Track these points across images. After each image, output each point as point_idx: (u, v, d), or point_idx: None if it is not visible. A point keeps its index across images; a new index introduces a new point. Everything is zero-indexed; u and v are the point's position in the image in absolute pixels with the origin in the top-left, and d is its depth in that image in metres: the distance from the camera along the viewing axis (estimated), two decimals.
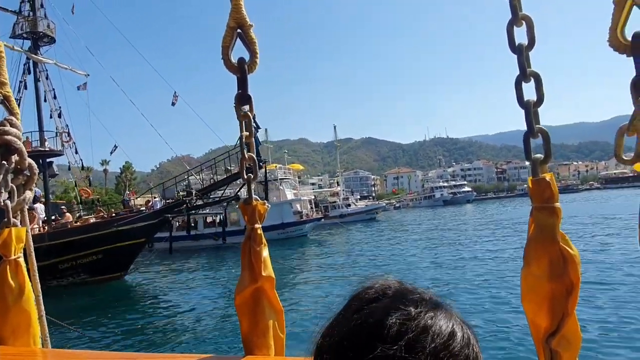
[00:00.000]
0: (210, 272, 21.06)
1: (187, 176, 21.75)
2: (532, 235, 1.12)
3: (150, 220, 18.50)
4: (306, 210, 42.00)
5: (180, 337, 9.82)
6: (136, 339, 10.00)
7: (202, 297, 14.64)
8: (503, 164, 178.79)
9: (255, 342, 1.34)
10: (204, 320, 11.18)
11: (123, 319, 12.23)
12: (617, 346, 6.80)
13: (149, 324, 11.61)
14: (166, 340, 9.71)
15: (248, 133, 1.39)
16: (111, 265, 17.74)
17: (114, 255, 17.61)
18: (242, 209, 1.40)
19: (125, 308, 13.88)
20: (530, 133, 1.13)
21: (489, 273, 13.73)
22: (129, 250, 18.33)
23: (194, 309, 12.84)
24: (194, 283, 17.94)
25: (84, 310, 13.23)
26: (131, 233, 17.83)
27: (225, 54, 1.39)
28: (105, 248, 17.33)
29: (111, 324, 11.63)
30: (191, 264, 24.87)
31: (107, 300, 15.10)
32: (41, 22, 22.65)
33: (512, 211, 51.39)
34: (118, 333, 10.61)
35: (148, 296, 16.40)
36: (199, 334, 9.93)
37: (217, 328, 10.24)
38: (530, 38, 1.13)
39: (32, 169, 2.01)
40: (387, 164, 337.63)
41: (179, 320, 11.70)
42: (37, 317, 1.92)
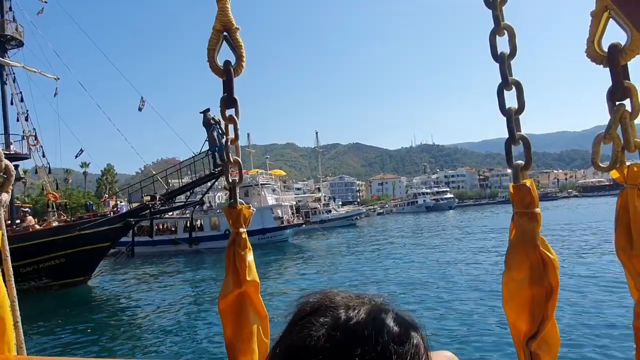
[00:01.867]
0: (182, 276, 20.97)
1: (153, 181, 21.53)
2: (513, 241, 1.14)
3: (114, 225, 18.34)
4: (287, 215, 42.06)
5: (150, 342, 9.68)
6: (106, 345, 9.80)
7: (172, 301, 14.54)
8: (486, 171, 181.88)
9: (239, 348, 1.33)
10: (175, 325, 11.04)
11: (87, 323, 12.04)
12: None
13: (116, 328, 11.43)
14: (136, 345, 9.54)
15: (234, 136, 1.38)
16: (74, 270, 17.52)
17: (77, 260, 17.43)
18: (227, 213, 1.39)
19: (89, 312, 13.72)
20: (512, 140, 1.15)
21: (469, 278, 13.93)
22: (92, 255, 18.17)
23: (161, 312, 12.73)
24: (163, 287, 17.85)
25: (46, 314, 12.89)
26: (94, 237, 17.69)
27: (211, 56, 1.38)
28: (67, 252, 17.13)
29: (73, 328, 11.44)
30: (159, 268, 24.70)
31: (71, 304, 14.83)
32: (9, 25, 22.36)
33: (492, 218, 52.28)
34: (83, 338, 10.41)
35: (114, 300, 16.27)
36: (169, 338, 9.79)
37: (190, 332, 10.11)
38: (512, 47, 1.16)
39: (9, 171, 1.96)
40: (374, 169, 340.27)
41: (147, 324, 11.58)
42: (12, 323, 1.85)
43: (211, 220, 36.67)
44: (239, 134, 1.38)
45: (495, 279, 12.85)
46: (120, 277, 22.21)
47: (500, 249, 19.85)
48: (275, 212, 39.22)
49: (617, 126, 0.97)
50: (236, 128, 1.39)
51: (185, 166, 21.09)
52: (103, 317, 13.06)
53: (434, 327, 8.69)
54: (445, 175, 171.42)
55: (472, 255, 19.64)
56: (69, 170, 72.20)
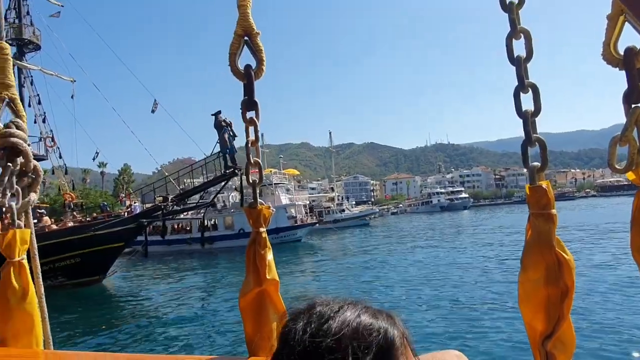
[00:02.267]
0: (196, 275, 21.24)
1: (166, 182, 21.90)
2: (529, 241, 1.16)
3: (127, 225, 18.70)
4: (301, 215, 42.18)
5: (167, 338, 9.84)
6: (123, 341, 10.00)
7: (187, 299, 14.76)
8: (502, 170, 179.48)
9: (259, 345, 1.36)
10: (191, 321, 11.18)
11: (102, 319, 12.28)
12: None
13: (132, 325, 11.63)
14: (156, 341, 9.70)
15: (254, 138, 1.42)
16: (89, 269, 17.87)
17: (91, 259, 17.77)
18: (247, 213, 1.43)
19: (104, 309, 13.97)
20: (528, 142, 1.17)
21: (482, 277, 13.80)
22: (106, 254, 18.52)
23: (176, 310, 12.91)
24: (177, 286, 18.11)
25: (64, 310, 13.16)
26: (108, 237, 18.01)
27: (232, 60, 1.42)
28: (82, 252, 17.46)
29: (89, 324, 11.69)
30: (173, 267, 25.07)
31: (86, 301, 15.12)
32: (27, 29, 22.94)
33: (508, 217, 51.55)
34: (102, 335, 10.63)
35: (128, 298, 16.51)
36: (185, 335, 9.92)
37: (207, 330, 10.22)
38: (528, 51, 1.17)
39: (37, 171, 2.03)
40: (389, 169, 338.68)
41: (162, 322, 11.74)
42: (40, 318, 1.93)
43: (225, 220, 37.01)
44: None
45: (510, 279, 12.70)
46: (135, 276, 22.61)
47: (516, 249, 19.61)
48: (289, 212, 39.35)
49: (632, 129, 0.98)
50: (256, 130, 1.43)
51: (197, 168, 21.35)
52: (118, 314, 13.33)
53: (445, 327, 8.64)
54: (460, 174, 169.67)
55: (485, 255, 19.42)
56: (87, 170, 73.69)
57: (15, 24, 22.71)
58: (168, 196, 19.64)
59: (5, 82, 1.90)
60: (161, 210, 19.14)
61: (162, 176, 23.09)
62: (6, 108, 1.96)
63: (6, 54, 1.90)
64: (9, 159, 1.88)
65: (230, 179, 20.54)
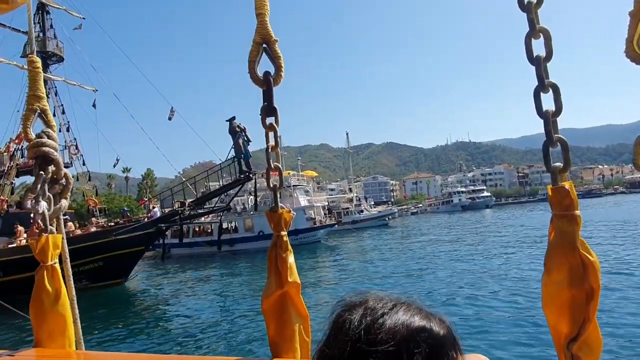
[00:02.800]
0: (216, 276, 21.56)
1: (183, 187, 22.39)
2: (552, 243, 1.14)
3: (146, 230, 19.24)
4: (319, 216, 42.23)
5: (191, 339, 10.01)
6: (146, 341, 10.22)
7: (208, 300, 15.00)
8: (525, 168, 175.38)
9: (281, 346, 1.39)
10: (213, 324, 11.34)
11: (128, 321, 12.59)
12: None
13: (153, 326, 11.89)
14: (177, 342, 9.88)
15: (274, 143, 1.45)
16: (111, 272, 18.37)
17: (113, 263, 18.26)
18: (269, 217, 1.45)
19: (129, 312, 14.37)
20: (550, 142, 1.15)
21: (504, 279, 13.52)
22: (128, 258, 19.06)
23: (198, 311, 13.11)
24: (199, 288, 18.41)
25: (88, 312, 13.54)
26: (129, 242, 18.52)
27: (251, 68, 1.45)
28: (104, 256, 17.95)
29: (113, 325, 12.00)
30: (194, 269, 25.47)
31: (111, 304, 15.53)
32: (50, 42, 23.79)
33: (531, 216, 50.30)
34: (125, 335, 10.91)
35: (150, 300, 16.94)
36: (207, 336, 10.06)
37: (229, 331, 10.35)
38: (548, 50, 1.16)
39: (68, 178, 2.11)
40: (409, 168, 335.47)
41: (184, 322, 11.99)
42: (72, 320, 2.01)
43: (245, 222, 37.43)
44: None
45: (533, 280, 12.42)
46: (156, 278, 23.12)
47: (539, 249, 19.13)
48: (308, 213, 39.45)
49: None
50: (276, 136, 1.45)
51: (213, 173, 21.78)
52: (140, 316, 13.64)
53: (467, 329, 8.50)
54: (482, 173, 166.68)
55: (507, 255, 19.03)
56: (112, 176, 75.68)
57: (39, 38, 23.65)
58: (185, 201, 20.12)
59: (37, 94, 1.99)
60: (179, 215, 19.63)
61: (184, 180, 23.63)
62: (37, 119, 2.04)
63: (37, 67, 1.99)
64: (41, 168, 1.97)
65: (245, 183, 20.94)
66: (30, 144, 1.94)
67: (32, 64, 1.99)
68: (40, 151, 1.93)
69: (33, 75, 1.99)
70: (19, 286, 16.56)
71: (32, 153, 1.91)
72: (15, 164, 22.15)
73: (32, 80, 1.99)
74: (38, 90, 2.05)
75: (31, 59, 2.02)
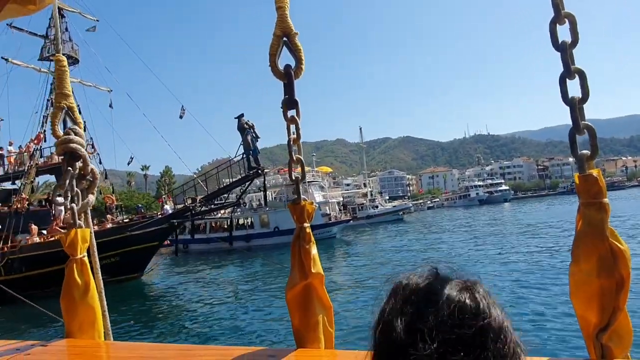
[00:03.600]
0: (231, 272, 21.94)
1: (194, 184, 22.94)
2: (580, 232, 1.13)
3: (160, 226, 19.80)
4: (334, 212, 42.42)
5: (214, 330, 10.19)
6: (168, 333, 10.45)
7: (225, 294, 15.27)
8: (545, 160, 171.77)
9: (306, 336, 1.41)
10: (232, 316, 11.51)
11: (147, 314, 12.94)
12: None
13: (175, 319, 12.16)
14: (194, 333, 10.07)
15: (296, 136, 1.46)
16: (128, 267, 18.89)
17: (129, 258, 18.80)
18: (291, 209, 1.47)
19: (147, 304, 14.75)
20: (576, 130, 1.13)
21: (528, 269, 13.33)
22: (142, 253, 19.69)
23: (217, 304, 13.35)
24: (215, 282, 18.84)
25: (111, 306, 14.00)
26: (143, 237, 19.15)
27: (272, 61, 1.46)
28: (121, 251, 18.45)
29: (134, 317, 12.26)
30: (211, 264, 25.99)
31: (129, 297, 15.91)
32: (66, 45, 24.35)
33: (551, 209, 49.31)
34: (147, 327, 11.19)
35: (168, 293, 17.31)
36: (230, 328, 10.20)
37: (249, 323, 10.47)
38: (574, 36, 1.13)
39: (94, 174, 2.16)
40: (426, 162, 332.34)
41: (203, 315, 12.23)
42: (100, 312, 2.07)
43: (261, 218, 37.79)
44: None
45: (558, 270, 12.20)
46: (174, 272, 23.79)
47: (560, 240, 18.77)
48: (323, 209, 39.58)
49: None
50: (298, 128, 1.46)
51: (222, 170, 22.14)
52: (158, 309, 14.01)
53: None
54: (501, 166, 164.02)
55: (528, 247, 18.72)
56: (131, 173, 77.18)
57: (55, 41, 24.19)
58: (196, 198, 20.74)
59: (64, 92, 2.04)
60: (190, 211, 20.13)
61: (195, 177, 24.19)
62: (65, 116, 2.10)
63: (63, 66, 2.04)
64: (69, 164, 2.03)
65: (254, 179, 21.31)
66: (58, 141, 2.00)
67: (58, 63, 2.04)
68: (68, 148, 1.98)
69: (60, 74, 2.04)
70: (41, 280, 17.35)
71: (61, 150, 1.97)
72: (34, 164, 22.79)
73: (59, 79, 2.04)
74: (65, 89, 2.10)
75: (58, 58, 2.07)
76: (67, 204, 2.03)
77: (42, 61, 24.63)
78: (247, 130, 18.90)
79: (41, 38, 24.92)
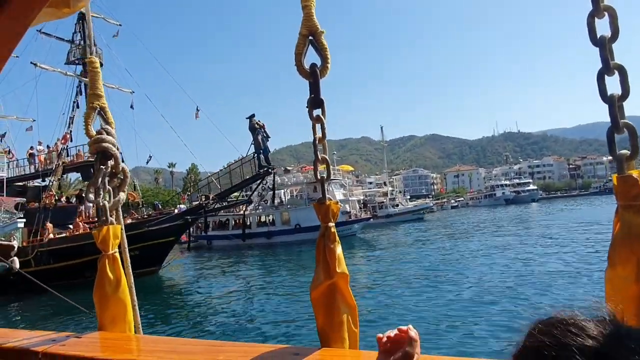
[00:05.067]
0: (254, 267, 22.26)
1: (208, 182, 23.79)
2: (617, 235, 1.08)
3: (175, 222, 20.61)
4: (355, 210, 42.56)
5: (237, 326, 10.32)
6: (190, 327, 10.68)
7: (251, 289, 15.60)
8: (577, 159, 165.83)
9: (330, 336, 1.41)
10: (253, 313, 11.64)
11: (173, 308, 13.31)
12: None
13: (195, 314, 12.42)
14: (225, 330, 10.22)
15: (321, 135, 1.46)
16: (146, 261, 19.52)
17: (148, 253, 19.38)
18: (316, 208, 1.47)
19: (165, 298, 15.26)
20: (615, 128, 1.09)
21: (557, 273, 12.89)
22: (159, 248, 20.44)
23: (238, 301, 13.58)
24: (235, 278, 19.23)
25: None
26: (160, 233, 19.93)
27: (298, 60, 1.47)
28: (139, 246, 18.97)
29: (156, 311, 12.67)
30: (231, 260, 26.53)
31: (148, 291, 16.40)
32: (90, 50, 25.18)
33: (582, 210, 47.57)
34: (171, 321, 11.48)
35: (187, 287, 17.91)
36: (254, 325, 10.30)
37: (273, 320, 10.55)
38: (614, 30, 1.09)
39: (125, 172, 2.22)
40: (453, 161, 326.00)
41: (223, 311, 12.45)
42: (131, 306, 2.13)
43: (282, 216, 38.26)
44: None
45: (591, 275, 11.76)
46: (195, 267, 24.54)
47: (593, 243, 18.09)
48: (343, 207, 39.68)
49: None
50: (323, 127, 1.46)
51: (234, 169, 22.83)
52: (178, 302, 14.45)
53: None
54: (529, 165, 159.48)
55: (559, 249, 18.13)
56: (159, 171, 79.22)
57: (80, 46, 25.44)
58: (210, 195, 21.60)
59: (97, 92, 2.10)
60: (203, 208, 20.96)
61: (209, 176, 25.04)
62: (97, 116, 2.16)
63: (96, 67, 2.11)
64: (101, 162, 2.09)
65: (265, 177, 22.03)
66: (91, 140, 2.06)
67: (91, 65, 2.10)
68: (100, 147, 2.05)
69: (92, 75, 2.11)
70: (67, 271, 18.48)
71: (93, 149, 2.03)
72: (62, 162, 23.90)
73: (92, 80, 2.11)
74: (97, 89, 2.16)
75: (90, 60, 2.13)
76: (100, 201, 2.10)
77: (68, 65, 25.82)
78: (258, 130, 19.68)
79: (68, 43, 26.08)
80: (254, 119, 20.06)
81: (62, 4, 1.46)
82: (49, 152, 25.40)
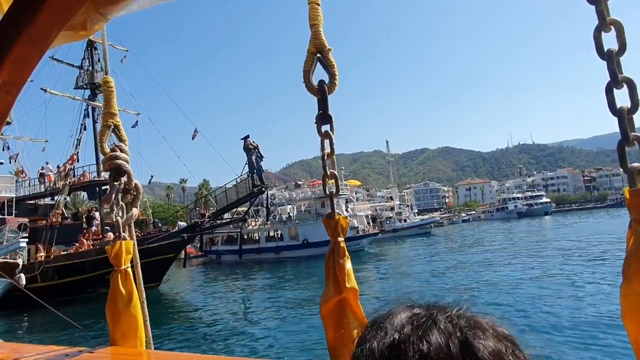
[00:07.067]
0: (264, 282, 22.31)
1: (205, 201, 24.81)
2: (632, 250, 1.07)
3: (172, 239, 21.44)
4: (362, 225, 42.47)
5: (245, 341, 10.25)
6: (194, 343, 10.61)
7: (258, 304, 15.56)
8: (592, 171, 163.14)
9: (340, 351, 1.40)
10: (264, 328, 11.56)
11: (178, 324, 13.28)
12: None
13: (198, 328, 12.40)
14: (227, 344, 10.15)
15: (329, 151, 1.47)
16: (147, 277, 19.77)
17: (149, 268, 19.79)
18: (326, 224, 1.48)
19: (169, 313, 15.45)
20: (625, 141, 1.08)
21: (572, 289, 12.59)
22: (160, 264, 20.95)
23: (248, 316, 13.58)
24: (242, 293, 19.24)
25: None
26: (159, 250, 20.54)
27: (306, 78, 1.49)
28: (142, 262, 19.50)
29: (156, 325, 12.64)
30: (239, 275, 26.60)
31: (151, 306, 16.52)
32: (98, 74, 26.33)
33: (596, 224, 46.61)
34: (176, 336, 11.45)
35: (188, 304, 18.12)
36: (263, 339, 10.23)
37: (282, 336, 10.46)
38: (621, 43, 1.09)
39: (138, 189, 2.27)
40: (467, 173, 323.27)
41: (230, 326, 12.44)
42: (142, 321, 2.14)
43: (290, 231, 38.36)
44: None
45: (607, 291, 11.46)
46: (199, 283, 25.22)
47: (607, 257, 17.66)
48: (351, 222, 39.59)
49: None
50: (332, 143, 1.48)
51: (230, 188, 23.52)
52: (178, 318, 14.44)
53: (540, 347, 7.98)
54: (543, 177, 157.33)
55: (571, 265, 17.73)
56: (170, 186, 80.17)
57: (88, 71, 26.45)
58: (205, 213, 22.61)
59: (111, 110, 2.16)
60: (199, 226, 21.86)
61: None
62: (112, 134, 2.22)
63: (111, 86, 2.17)
64: (114, 179, 2.14)
65: (258, 196, 23.02)
66: (105, 158, 2.11)
67: (106, 84, 2.17)
68: (114, 164, 2.09)
69: (107, 94, 2.16)
70: (71, 287, 19.07)
71: (107, 166, 2.07)
72: (69, 182, 24.73)
73: (107, 98, 2.16)
74: (112, 108, 2.22)
75: (106, 79, 2.20)
76: (113, 217, 2.14)
77: (76, 89, 26.80)
78: (252, 151, 20.68)
79: (77, 68, 27.10)
80: (248, 140, 21.27)
81: (79, 27, 1.52)
82: (58, 172, 26.29)
